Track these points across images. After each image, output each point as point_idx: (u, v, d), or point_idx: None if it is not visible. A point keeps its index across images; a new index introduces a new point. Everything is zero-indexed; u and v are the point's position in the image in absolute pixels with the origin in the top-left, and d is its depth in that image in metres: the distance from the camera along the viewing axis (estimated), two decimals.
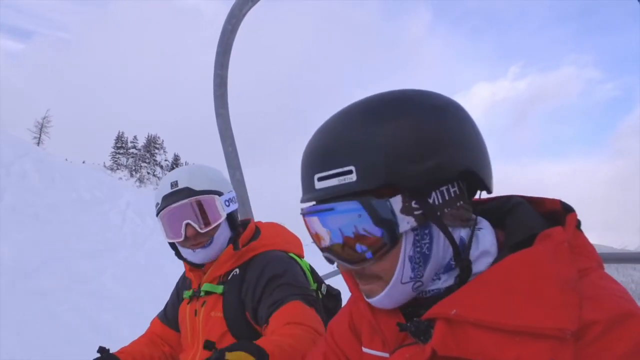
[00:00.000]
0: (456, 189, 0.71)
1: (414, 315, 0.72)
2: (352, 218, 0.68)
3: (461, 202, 0.71)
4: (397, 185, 0.66)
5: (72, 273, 6.80)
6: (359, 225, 0.68)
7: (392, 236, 0.67)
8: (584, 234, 0.72)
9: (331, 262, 0.75)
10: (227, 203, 1.51)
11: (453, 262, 0.71)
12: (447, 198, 0.69)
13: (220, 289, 1.47)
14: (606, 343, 0.56)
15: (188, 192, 1.43)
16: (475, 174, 0.70)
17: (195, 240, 1.44)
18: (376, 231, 0.67)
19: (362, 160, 0.66)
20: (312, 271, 1.63)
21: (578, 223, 0.72)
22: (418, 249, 0.69)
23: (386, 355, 0.79)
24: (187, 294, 1.55)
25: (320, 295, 1.57)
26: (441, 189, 0.69)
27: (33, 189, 10.38)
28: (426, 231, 0.69)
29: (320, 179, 0.70)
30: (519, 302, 0.60)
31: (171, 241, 1.48)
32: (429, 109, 0.70)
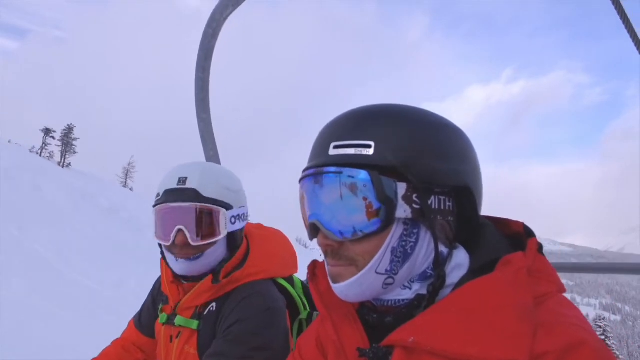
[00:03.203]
0: (451, 204, 0.72)
1: (377, 334, 0.72)
2: (357, 186, 0.68)
3: (451, 219, 0.73)
4: (406, 174, 0.68)
5: None
6: (361, 196, 0.68)
7: (389, 216, 0.68)
8: (545, 258, 0.73)
9: (315, 233, 0.74)
10: (232, 220, 1.34)
11: (430, 271, 0.72)
12: (442, 208, 0.71)
13: (195, 324, 1.33)
14: None
15: (194, 195, 1.27)
16: (471, 194, 0.72)
17: (181, 250, 1.29)
18: (375, 206, 0.68)
19: (384, 140, 0.69)
20: (307, 292, 1.53)
21: (539, 247, 0.72)
22: (403, 244, 0.70)
23: None
24: (162, 317, 1.41)
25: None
26: (440, 197, 0.70)
27: None
28: (415, 230, 0.70)
29: (336, 147, 0.71)
30: (475, 331, 0.61)
31: (158, 241, 1.34)
32: (450, 124, 0.76)
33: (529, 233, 0.75)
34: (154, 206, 1.32)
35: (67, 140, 45.51)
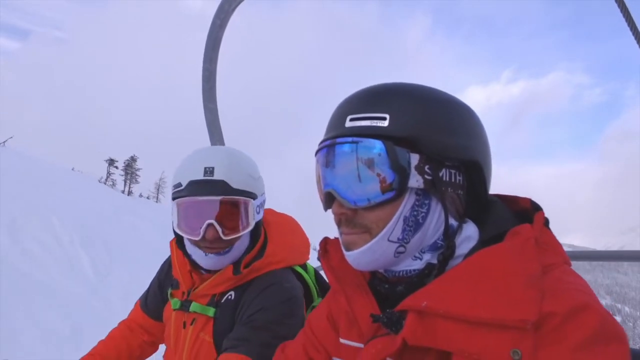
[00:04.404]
0: (461, 178, 0.75)
1: (388, 304, 0.74)
2: (372, 155, 0.71)
3: (461, 192, 0.75)
4: (419, 146, 0.71)
5: None
6: (376, 165, 0.71)
7: (401, 185, 0.71)
8: (551, 231, 0.75)
9: (330, 203, 0.76)
10: (257, 209, 1.31)
11: (440, 242, 0.74)
12: (452, 181, 0.74)
13: (211, 311, 1.30)
14: (564, 332, 0.59)
15: (223, 187, 1.22)
16: (481, 169, 0.75)
17: (212, 244, 1.25)
18: (389, 175, 0.70)
19: (398, 113, 0.72)
20: (318, 280, 1.52)
21: (546, 221, 0.75)
22: (414, 213, 0.73)
23: (362, 345, 0.80)
24: (175, 303, 1.37)
25: None
26: (450, 170, 0.73)
27: None
28: (426, 201, 0.73)
29: (352, 120, 0.74)
30: (486, 296, 0.63)
31: (182, 235, 1.28)
32: (461, 103, 0.79)
33: (536, 208, 0.77)
34: (175, 198, 1.26)
35: (131, 170, 50.11)
